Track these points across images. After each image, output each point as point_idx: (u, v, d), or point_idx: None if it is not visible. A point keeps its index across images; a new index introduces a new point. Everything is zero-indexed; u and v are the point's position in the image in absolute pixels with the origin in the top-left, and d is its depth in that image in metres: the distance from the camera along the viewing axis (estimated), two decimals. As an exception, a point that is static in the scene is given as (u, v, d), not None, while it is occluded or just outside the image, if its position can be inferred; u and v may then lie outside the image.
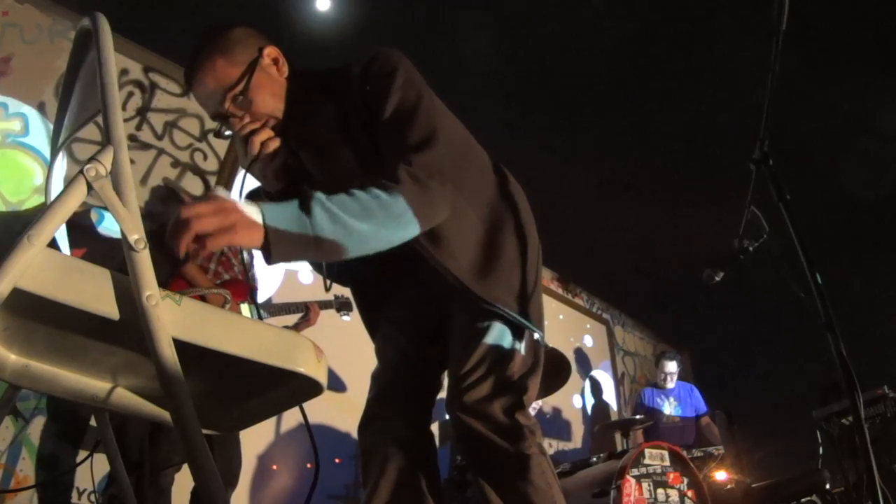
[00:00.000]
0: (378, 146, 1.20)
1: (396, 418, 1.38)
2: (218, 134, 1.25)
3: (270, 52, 1.26)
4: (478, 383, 1.25)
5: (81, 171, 0.72)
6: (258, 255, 1.12)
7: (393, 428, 1.37)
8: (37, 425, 2.59)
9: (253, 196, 2.97)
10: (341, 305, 3.27)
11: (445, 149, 1.17)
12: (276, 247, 0.93)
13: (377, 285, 1.49)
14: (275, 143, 1.25)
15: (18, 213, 2.81)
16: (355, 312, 1.57)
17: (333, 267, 1.41)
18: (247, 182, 1.30)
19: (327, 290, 1.38)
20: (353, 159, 1.26)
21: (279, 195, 1.35)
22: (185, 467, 2.26)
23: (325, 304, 3.20)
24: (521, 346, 1.29)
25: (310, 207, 0.96)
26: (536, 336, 1.30)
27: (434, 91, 1.34)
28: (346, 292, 3.23)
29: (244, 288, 2.61)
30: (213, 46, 1.21)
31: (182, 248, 0.83)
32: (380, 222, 1.02)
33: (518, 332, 1.29)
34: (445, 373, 1.40)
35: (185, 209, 0.85)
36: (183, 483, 2.39)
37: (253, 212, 0.92)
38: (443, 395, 1.40)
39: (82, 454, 2.46)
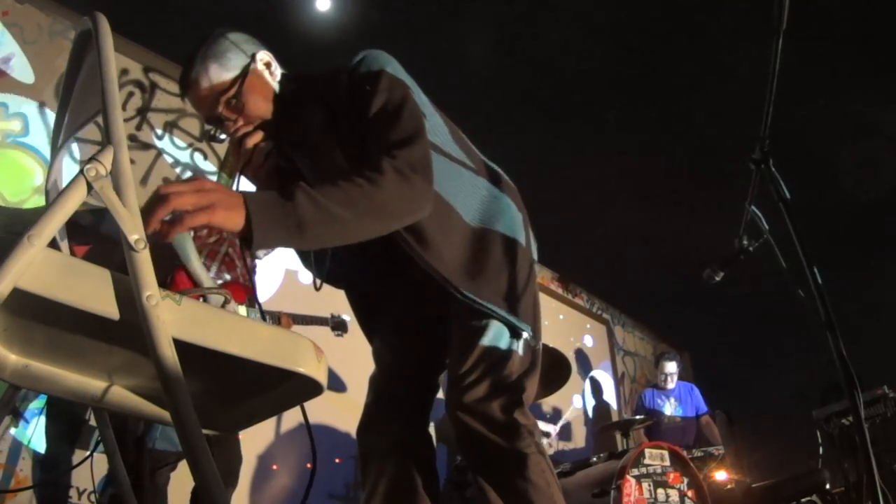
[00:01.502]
0: (366, 146, 1.21)
1: (394, 421, 1.38)
2: (212, 137, 1.29)
3: (263, 56, 1.29)
4: (476, 383, 1.25)
5: (81, 171, 0.72)
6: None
7: (391, 430, 1.37)
8: (36, 425, 2.59)
9: None
10: (336, 325, 3.25)
11: (428, 146, 1.17)
12: (258, 228, 0.91)
13: (372, 288, 1.49)
14: (267, 146, 1.28)
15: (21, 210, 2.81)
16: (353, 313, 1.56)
17: (324, 266, 1.39)
18: (241, 184, 1.32)
19: (317, 289, 1.38)
20: (344, 160, 1.26)
21: None
22: (182, 466, 2.27)
23: (319, 321, 3.17)
24: (519, 346, 1.29)
25: (292, 193, 0.96)
26: (527, 335, 1.30)
27: (434, 90, 1.34)
28: (342, 311, 3.24)
29: (244, 290, 2.60)
30: (207, 52, 1.24)
31: (153, 223, 0.81)
32: (362, 210, 1.03)
33: (515, 332, 1.29)
34: (443, 374, 1.41)
35: (166, 186, 0.84)
36: (182, 482, 2.39)
37: (234, 194, 0.91)
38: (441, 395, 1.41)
39: (82, 454, 2.46)
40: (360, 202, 1.02)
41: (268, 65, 1.29)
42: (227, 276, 2.63)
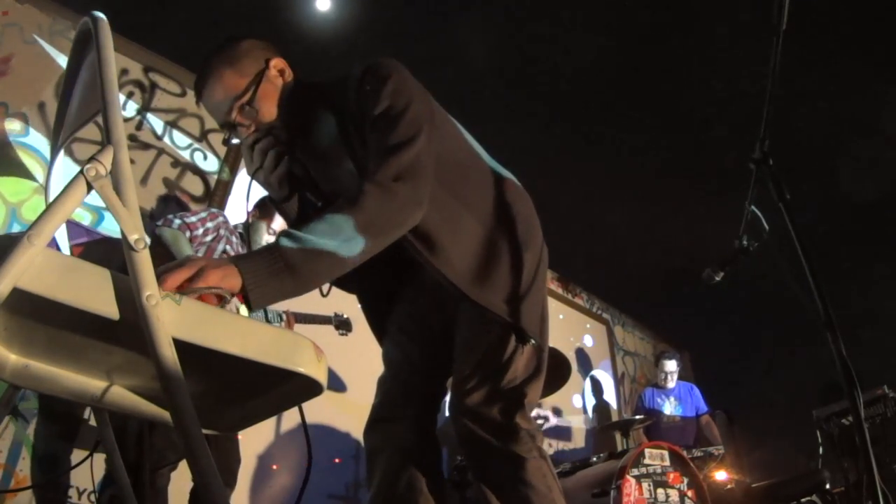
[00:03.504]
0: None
1: (401, 423, 1.38)
2: (226, 142, 1.30)
3: (277, 63, 1.30)
4: (479, 387, 1.26)
5: (81, 171, 0.72)
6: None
7: (397, 432, 1.37)
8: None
9: (261, 205, 2.97)
10: (340, 324, 3.25)
11: (425, 150, 1.17)
12: (251, 284, 0.91)
13: (382, 292, 1.50)
14: (279, 152, 1.29)
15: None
16: (359, 314, 1.57)
17: None
18: (253, 189, 1.33)
19: (324, 295, 1.39)
20: (354, 168, 1.27)
21: (284, 202, 1.38)
22: (182, 467, 2.26)
23: (323, 320, 3.18)
24: (524, 351, 1.29)
25: (276, 240, 0.98)
26: (533, 341, 1.30)
27: (434, 91, 1.34)
28: (345, 311, 3.24)
29: None
30: (222, 57, 1.26)
31: None
32: (348, 235, 1.02)
33: (520, 337, 1.29)
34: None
35: (158, 270, 0.85)
36: (181, 483, 2.39)
37: (222, 261, 0.93)
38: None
39: (82, 454, 2.46)
40: (343, 228, 1.02)
41: (282, 71, 1.30)
42: None
